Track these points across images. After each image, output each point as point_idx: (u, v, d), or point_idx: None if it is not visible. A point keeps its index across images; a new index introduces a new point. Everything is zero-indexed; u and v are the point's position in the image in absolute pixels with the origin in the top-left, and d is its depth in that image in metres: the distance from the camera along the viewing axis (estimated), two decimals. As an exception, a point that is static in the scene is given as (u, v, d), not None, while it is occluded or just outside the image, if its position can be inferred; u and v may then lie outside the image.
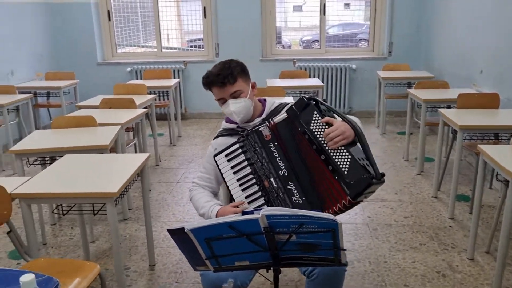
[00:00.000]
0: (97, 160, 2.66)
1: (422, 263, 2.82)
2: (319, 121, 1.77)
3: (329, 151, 1.71)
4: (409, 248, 3.00)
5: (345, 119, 1.76)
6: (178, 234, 1.46)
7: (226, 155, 1.92)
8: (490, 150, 2.54)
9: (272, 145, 1.82)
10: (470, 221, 3.29)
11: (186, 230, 1.42)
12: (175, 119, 5.69)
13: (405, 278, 2.66)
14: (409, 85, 5.56)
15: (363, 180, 1.61)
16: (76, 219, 3.49)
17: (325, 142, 1.72)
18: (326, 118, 1.77)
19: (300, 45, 8.58)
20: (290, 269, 2.71)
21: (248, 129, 1.92)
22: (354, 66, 6.35)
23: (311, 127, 1.77)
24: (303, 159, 1.77)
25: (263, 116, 2.06)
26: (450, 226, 3.27)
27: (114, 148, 3.39)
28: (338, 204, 1.66)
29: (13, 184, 2.21)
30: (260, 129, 1.85)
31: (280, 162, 1.80)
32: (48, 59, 6.34)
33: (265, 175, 1.81)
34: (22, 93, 5.11)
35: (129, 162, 2.56)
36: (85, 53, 6.56)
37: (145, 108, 4.23)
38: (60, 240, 3.25)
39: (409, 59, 6.14)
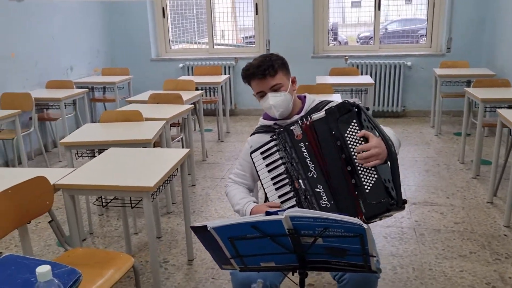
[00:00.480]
0: (139, 154, 2.70)
1: (471, 273, 2.65)
2: (356, 131, 1.68)
3: (356, 163, 1.65)
4: (457, 256, 2.83)
5: (382, 137, 1.66)
6: (201, 232, 1.44)
7: (261, 153, 1.88)
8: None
9: (302, 145, 1.75)
10: (528, 230, 3.07)
11: (208, 228, 1.40)
12: (224, 115, 5.73)
13: (451, 288, 2.52)
14: (468, 84, 5.26)
15: (382, 204, 1.59)
16: (121, 211, 3.60)
17: (355, 154, 1.65)
18: (363, 132, 1.66)
19: (357, 41, 8.37)
20: (327, 272, 2.63)
21: (278, 128, 1.87)
22: (409, 63, 6.09)
23: (346, 135, 1.68)
24: (332, 164, 1.71)
25: (302, 113, 1.99)
26: (505, 235, 3.05)
27: (159, 142, 3.44)
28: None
29: (58, 175, 2.29)
30: (291, 128, 1.79)
31: (310, 164, 1.73)
32: (104, 55, 6.59)
33: (295, 176, 1.76)
34: (80, 87, 5.34)
35: (169, 157, 2.58)
36: (140, 50, 6.75)
37: (192, 103, 4.27)
38: (106, 231, 3.35)
39: (469, 56, 5.82)
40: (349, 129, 1.69)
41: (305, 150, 1.75)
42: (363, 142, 1.66)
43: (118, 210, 3.64)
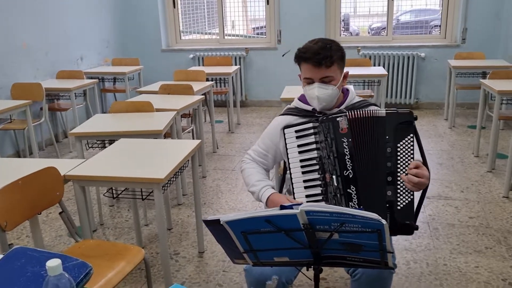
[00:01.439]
0: (150, 145, 2.68)
1: (487, 268, 2.59)
2: (410, 145, 1.62)
3: (398, 177, 1.61)
4: (472, 251, 2.77)
5: (426, 165, 1.64)
6: (213, 226, 1.41)
7: (296, 131, 1.77)
8: None
9: (345, 140, 1.66)
10: (546, 226, 3.00)
11: (221, 222, 1.36)
12: (234, 106, 5.69)
13: (466, 284, 2.46)
14: (484, 75, 5.16)
15: (408, 227, 1.61)
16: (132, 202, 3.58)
17: (402, 168, 1.61)
18: (416, 163, 1.61)
19: (368, 32, 8.25)
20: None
21: (323, 116, 1.75)
22: (422, 55, 5.99)
23: (400, 145, 1.62)
24: (372, 168, 1.65)
25: (342, 107, 1.86)
26: (522, 230, 3.00)
27: (169, 133, 3.42)
28: None
29: (69, 166, 2.27)
30: (337, 119, 1.68)
31: (348, 161, 1.66)
32: (115, 46, 6.56)
33: (329, 169, 1.68)
34: (90, 78, 5.33)
35: (180, 148, 2.55)
36: (150, 40, 6.72)
37: (203, 94, 4.24)
38: (116, 222, 3.34)
39: (485, 47, 5.70)
40: (404, 141, 1.62)
41: (346, 146, 1.66)
42: (412, 160, 1.62)
43: (129, 201, 3.63)
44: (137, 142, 2.70)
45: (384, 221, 1.23)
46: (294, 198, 1.76)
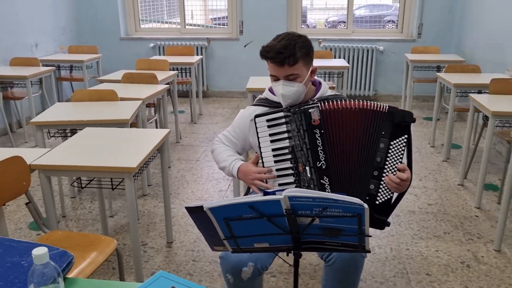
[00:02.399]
0: (117, 134, 2.62)
1: (446, 252, 2.73)
2: (402, 146, 1.64)
3: (384, 174, 1.64)
4: (432, 236, 2.91)
5: (411, 169, 1.68)
6: (196, 213, 1.41)
7: (268, 120, 1.76)
8: (525, 138, 2.40)
9: (317, 132, 1.67)
10: (498, 211, 3.18)
11: (204, 209, 1.36)
12: (197, 96, 5.64)
13: (428, 267, 2.58)
14: (438, 69, 5.37)
15: (382, 222, 1.68)
16: (95, 193, 3.50)
17: (390, 165, 1.64)
18: (403, 166, 1.65)
19: (325, 25, 8.40)
20: (309, 253, 2.65)
21: (295, 107, 1.75)
22: (381, 48, 6.16)
23: (393, 143, 1.63)
24: (354, 158, 1.67)
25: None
26: (477, 216, 3.16)
27: (135, 123, 3.35)
28: None
29: (33, 156, 2.19)
30: (309, 110, 1.68)
31: (320, 153, 1.68)
32: (71, 33, 6.33)
33: (301, 160, 1.70)
34: (46, 65, 5.12)
35: (149, 138, 2.52)
36: (108, 28, 6.53)
37: (167, 84, 4.18)
38: (79, 213, 3.26)
39: (440, 42, 5.93)
40: (398, 140, 1.64)
41: (319, 138, 1.68)
42: (401, 160, 1.64)
43: (91, 192, 3.54)
44: (103, 131, 2.64)
45: (365, 205, 1.27)
46: (265, 170, 1.76)
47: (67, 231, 2.74)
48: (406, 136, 1.64)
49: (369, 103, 1.68)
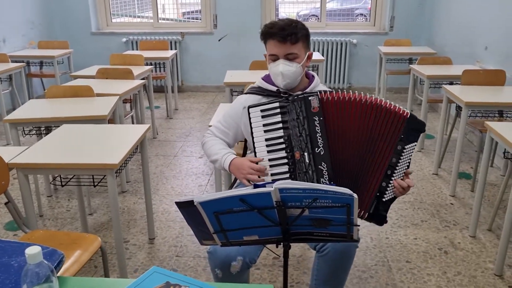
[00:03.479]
0: (96, 130, 2.57)
1: (424, 239, 2.81)
2: (412, 150, 1.69)
3: (394, 175, 1.68)
4: (410, 224, 2.98)
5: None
6: (186, 207, 1.40)
7: (262, 111, 1.76)
8: (499, 127, 2.49)
9: (316, 119, 1.70)
10: (472, 198, 3.28)
11: (195, 203, 1.36)
12: (172, 91, 5.59)
13: (407, 255, 2.65)
14: (410, 61, 5.48)
15: (384, 217, 1.75)
16: (72, 191, 3.44)
17: (400, 168, 1.68)
18: (408, 171, 1.71)
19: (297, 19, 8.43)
20: (294, 244, 2.67)
21: (294, 95, 1.77)
22: (354, 41, 6.24)
23: (407, 147, 1.67)
24: (358, 149, 1.70)
25: (307, 91, 1.88)
26: (452, 204, 3.26)
27: (112, 119, 3.30)
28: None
29: (10, 154, 2.14)
30: (309, 98, 1.71)
31: (319, 139, 1.70)
32: (40, 27, 6.16)
33: (299, 147, 1.71)
34: (15, 61, 4.98)
35: (128, 134, 2.49)
36: (79, 22, 6.38)
37: (142, 79, 4.12)
38: (57, 212, 3.19)
39: (411, 35, 6.05)
40: (411, 145, 1.67)
41: (317, 125, 1.69)
42: (408, 164, 1.70)
43: (68, 191, 3.48)
44: (81, 128, 2.58)
45: (355, 195, 1.30)
46: (257, 161, 1.76)
47: (48, 230, 2.68)
48: (415, 143, 1.69)
49: (382, 101, 1.71)
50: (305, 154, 1.70)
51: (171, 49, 6.28)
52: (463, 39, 4.87)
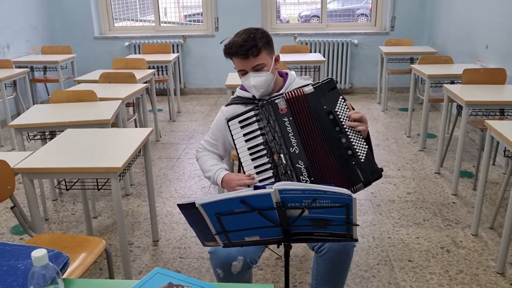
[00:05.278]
0: (100, 134, 2.61)
1: (426, 238, 2.82)
2: (344, 104, 1.75)
3: (350, 136, 1.71)
4: (412, 224, 3.00)
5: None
6: (188, 209, 1.43)
7: (240, 121, 1.85)
8: (499, 126, 2.50)
9: (286, 120, 1.75)
10: (474, 197, 3.30)
11: (196, 205, 1.39)
12: (175, 94, 5.63)
13: (409, 254, 2.66)
14: (412, 61, 5.50)
15: (376, 171, 1.70)
16: (77, 195, 3.47)
17: (347, 127, 1.72)
18: (349, 103, 1.76)
19: (298, 20, 8.45)
20: (296, 244, 2.70)
21: (266, 100, 1.83)
22: (355, 41, 6.25)
23: (337, 109, 1.74)
24: (320, 138, 1.73)
25: (283, 91, 1.95)
26: (454, 202, 3.27)
27: (115, 123, 3.34)
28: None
29: (15, 159, 2.17)
30: (276, 101, 1.77)
31: (292, 138, 1.75)
32: (43, 33, 6.21)
33: (276, 150, 1.76)
34: (19, 67, 5.02)
35: (132, 137, 2.52)
36: (82, 27, 6.43)
37: (145, 83, 4.16)
38: (62, 216, 3.23)
39: (412, 34, 6.06)
40: (338, 103, 1.74)
41: (288, 125, 1.75)
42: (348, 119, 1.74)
43: (73, 194, 3.51)
44: (85, 132, 2.62)
45: (354, 195, 1.32)
46: (245, 177, 1.82)
47: (54, 233, 2.71)
48: (341, 97, 1.76)
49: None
50: (281, 155, 1.75)
51: (173, 52, 6.33)
52: (463, 38, 4.88)
